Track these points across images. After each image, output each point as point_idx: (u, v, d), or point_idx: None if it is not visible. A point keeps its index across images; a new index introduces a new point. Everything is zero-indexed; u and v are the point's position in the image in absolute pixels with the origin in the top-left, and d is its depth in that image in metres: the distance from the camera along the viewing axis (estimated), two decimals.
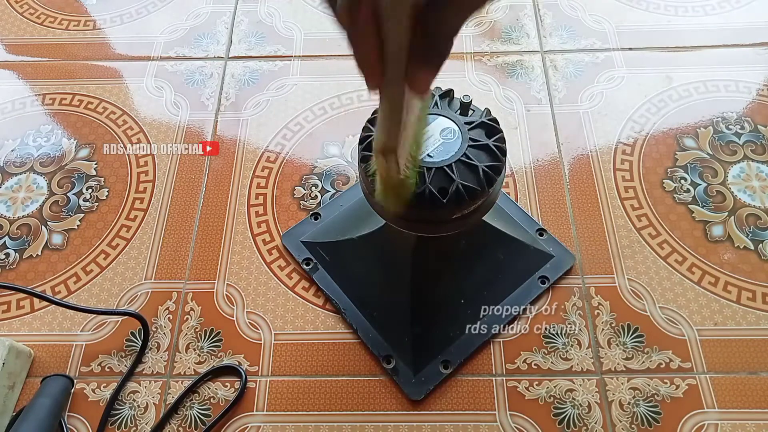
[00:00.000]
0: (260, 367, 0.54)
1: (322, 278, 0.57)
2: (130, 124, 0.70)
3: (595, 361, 0.53)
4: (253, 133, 0.69)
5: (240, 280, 0.59)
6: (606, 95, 0.70)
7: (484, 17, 0.78)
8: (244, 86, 0.72)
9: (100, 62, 0.76)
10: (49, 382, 0.52)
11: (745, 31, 0.74)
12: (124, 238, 0.62)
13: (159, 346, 0.55)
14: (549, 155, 0.65)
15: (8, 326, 0.57)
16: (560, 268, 0.57)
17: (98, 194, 0.65)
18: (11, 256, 0.61)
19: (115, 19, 0.80)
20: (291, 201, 0.64)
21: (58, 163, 0.67)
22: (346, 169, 0.65)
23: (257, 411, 0.52)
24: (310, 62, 0.74)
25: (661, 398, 0.51)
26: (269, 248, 0.61)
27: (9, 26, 0.79)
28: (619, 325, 0.55)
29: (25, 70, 0.75)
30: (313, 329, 0.56)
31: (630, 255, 0.59)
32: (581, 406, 0.51)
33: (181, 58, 0.75)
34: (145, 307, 0.57)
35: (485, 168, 0.39)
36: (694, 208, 0.61)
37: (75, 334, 0.56)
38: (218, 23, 0.79)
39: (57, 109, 0.72)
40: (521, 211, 0.61)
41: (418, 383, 0.52)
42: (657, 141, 0.66)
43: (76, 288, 0.59)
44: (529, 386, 0.52)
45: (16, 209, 0.64)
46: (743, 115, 0.67)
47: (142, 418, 0.52)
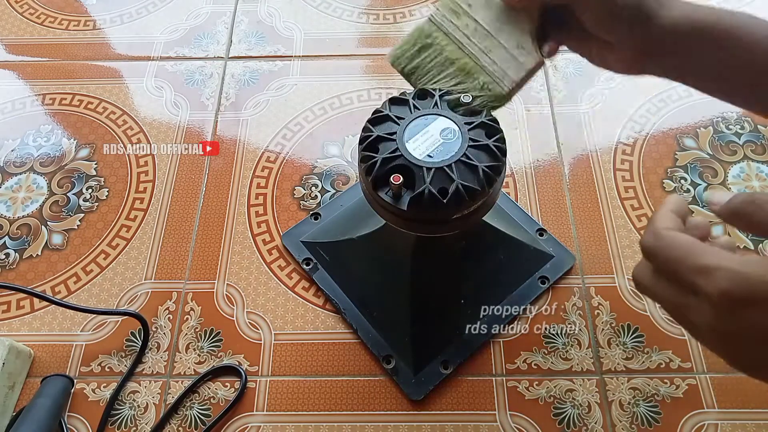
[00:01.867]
0: (260, 367, 0.54)
1: (322, 278, 0.57)
2: (130, 124, 0.70)
3: (595, 361, 0.53)
4: (253, 133, 0.69)
5: (240, 280, 0.59)
6: (606, 95, 0.70)
7: None
8: (244, 86, 0.72)
9: (100, 62, 0.76)
10: (49, 382, 0.52)
11: None
12: (124, 238, 0.62)
13: (159, 346, 0.55)
14: (549, 155, 0.65)
15: (8, 326, 0.57)
16: (560, 268, 0.57)
17: (98, 194, 0.65)
18: (11, 256, 0.61)
19: (115, 19, 0.80)
20: (291, 201, 0.64)
21: (58, 163, 0.67)
22: (346, 169, 0.65)
23: (257, 411, 0.52)
24: (310, 62, 0.74)
25: (661, 398, 0.51)
26: (269, 248, 0.61)
27: (9, 26, 0.79)
28: (619, 325, 0.55)
29: (25, 70, 0.75)
30: (313, 329, 0.56)
31: (630, 255, 0.59)
32: (581, 406, 0.51)
33: (181, 58, 0.75)
34: (145, 307, 0.57)
35: (485, 168, 0.39)
36: (694, 208, 0.61)
37: (75, 334, 0.56)
38: (218, 23, 0.79)
39: (57, 109, 0.72)
40: (521, 211, 0.61)
41: (418, 383, 0.52)
42: (657, 141, 0.66)
43: (76, 288, 0.59)
44: (529, 386, 0.52)
45: (16, 209, 0.64)
46: (743, 115, 0.67)
47: (142, 418, 0.52)
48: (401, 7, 0.79)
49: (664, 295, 0.26)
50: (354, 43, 0.76)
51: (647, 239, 0.27)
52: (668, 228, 0.27)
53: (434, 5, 0.43)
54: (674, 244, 0.25)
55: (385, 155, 0.40)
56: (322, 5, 0.80)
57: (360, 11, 0.79)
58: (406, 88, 0.44)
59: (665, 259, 0.26)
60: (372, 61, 0.74)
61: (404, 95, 0.43)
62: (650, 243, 0.26)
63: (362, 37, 0.77)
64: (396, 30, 0.77)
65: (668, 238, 0.26)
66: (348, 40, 0.76)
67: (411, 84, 0.44)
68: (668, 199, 0.29)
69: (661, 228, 0.27)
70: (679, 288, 0.25)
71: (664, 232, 0.26)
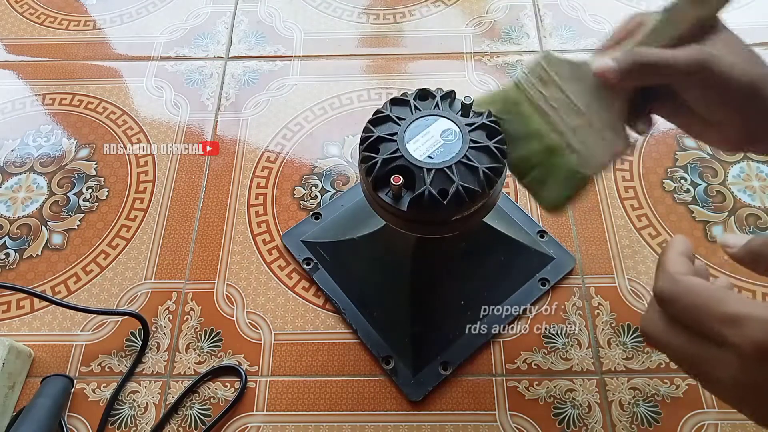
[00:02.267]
0: (260, 367, 0.54)
1: (322, 278, 0.57)
2: (130, 124, 0.70)
3: (595, 361, 0.53)
4: (253, 133, 0.69)
5: (240, 280, 0.59)
6: None
7: (484, 17, 0.78)
8: (244, 86, 0.72)
9: (100, 62, 0.76)
10: (49, 382, 0.52)
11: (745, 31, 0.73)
12: (124, 238, 0.62)
13: (159, 346, 0.55)
14: None
15: (8, 326, 0.57)
16: (561, 270, 0.57)
17: (98, 194, 0.65)
18: (11, 256, 0.61)
19: (115, 19, 0.80)
20: (291, 201, 0.64)
21: (58, 163, 0.67)
22: (346, 169, 0.65)
23: (257, 411, 0.52)
24: (310, 62, 0.74)
25: (661, 398, 0.51)
26: (269, 248, 0.61)
27: (9, 26, 0.79)
28: (619, 325, 0.55)
29: (25, 70, 0.75)
30: (313, 329, 0.56)
31: (630, 255, 0.59)
32: (581, 406, 0.51)
33: (181, 58, 0.75)
34: (145, 307, 0.57)
35: (485, 170, 0.39)
36: (694, 208, 0.61)
37: (75, 334, 0.56)
38: (218, 23, 0.79)
39: (57, 109, 0.72)
40: (522, 213, 0.61)
41: (417, 384, 0.52)
42: (657, 141, 0.66)
43: (76, 288, 0.59)
44: (529, 386, 0.52)
45: (16, 209, 0.64)
46: None
47: (142, 418, 0.52)
48: (401, 7, 0.79)
49: (680, 346, 0.25)
50: (354, 43, 0.76)
51: (664, 285, 0.25)
52: (684, 273, 0.25)
53: (522, 71, 0.39)
54: (695, 290, 0.24)
55: (385, 156, 0.40)
56: (322, 5, 0.80)
57: (360, 11, 0.79)
58: (406, 89, 0.44)
59: (685, 307, 0.24)
60: (372, 61, 0.74)
61: (405, 96, 0.43)
62: (668, 289, 0.25)
63: (362, 37, 0.77)
64: (396, 30, 0.77)
65: (687, 283, 0.24)
66: (348, 40, 0.76)
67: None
68: (675, 242, 0.27)
69: (676, 272, 0.25)
70: (699, 339, 0.24)
71: (682, 277, 0.25)
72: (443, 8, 0.79)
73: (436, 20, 0.78)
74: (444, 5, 0.79)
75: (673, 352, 0.25)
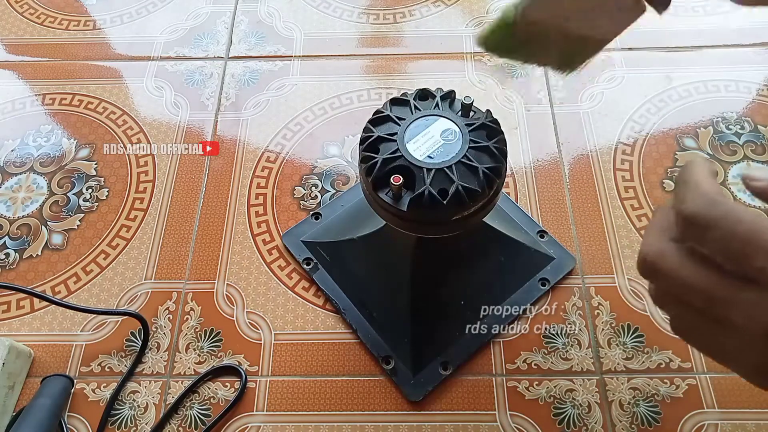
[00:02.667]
0: (260, 367, 0.54)
1: (322, 278, 0.57)
2: (130, 124, 0.70)
3: (595, 361, 0.53)
4: (253, 133, 0.69)
5: (240, 280, 0.59)
6: (606, 95, 0.70)
7: (484, 17, 0.78)
8: (244, 86, 0.72)
9: (100, 62, 0.76)
10: (49, 382, 0.52)
11: (745, 31, 0.74)
12: (124, 238, 0.62)
13: (159, 346, 0.55)
14: (549, 155, 0.65)
15: (8, 326, 0.57)
16: (561, 270, 0.57)
17: (98, 194, 0.65)
18: (11, 256, 0.61)
19: (115, 19, 0.80)
20: (291, 201, 0.64)
21: (58, 163, 0.67)
22: (346, 169, 0.65)
23: (257, 411, 0.52)
24: (310, 62, 0.74)
25: (661, 398, 0.51)
26: (269, 248, 0.61)
27: (9, 26, 0.79)
28: (619, 325, 0.55)
29: (25, 70, 0.75)
30: (313, 329, 0.56)
31: (630, 255, 0.59)
32: (581, 406, 0.51)
33: (181, 58, 0.75)
34: (145, 307, 0.57)
35: (485, 170, 0.39)
36: None
37: (75, 334, 0.56)
38: (218, 23, 0.79)
39: (57, 109, 0.72)
40: (522, 212, 0.61)
41: (417, 384, 0.52)
42: (657, 141, 0.66)
43: (76, 288, 0.59)
44: (529, 386, 0.52)
45: (16, 209, 0.64)
46: (743, 115, 0.67)
47: (142, 418, 0.52)
48: (401, 7, 0.79)
49: (706, 286, 0.20)
50: (354, 43, 0.76)
51: (700, 206, 0.20)
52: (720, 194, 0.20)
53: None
54: (739, 216, 0.19)
55: (385, 156, 0.40)
56: (322, 5, 0.80)
57: (360, 11, 0.79)
58: (406, 89, 0.44)
59: (723, 236, 0.19)
60: (372, 61, 0.74)
61: (405, 96, 0.43)
62: (705, 212, 0.19)
63: (362, 37, 0.77)
64: (396, 30, 0.77)
65: (729, 207, 0.19)
66: (348, 40, 0.76)
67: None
68: (700, 161, 0.22)
69: (714, 193, 0.20)
70: (732, 278, 0.19)
71: (723, 200, 0.19)
72: (443, 8, 0.79)
73: (436, 20, 0.78)
74: (444, 5, 0.79)
75: (695, 294, 0.20)
